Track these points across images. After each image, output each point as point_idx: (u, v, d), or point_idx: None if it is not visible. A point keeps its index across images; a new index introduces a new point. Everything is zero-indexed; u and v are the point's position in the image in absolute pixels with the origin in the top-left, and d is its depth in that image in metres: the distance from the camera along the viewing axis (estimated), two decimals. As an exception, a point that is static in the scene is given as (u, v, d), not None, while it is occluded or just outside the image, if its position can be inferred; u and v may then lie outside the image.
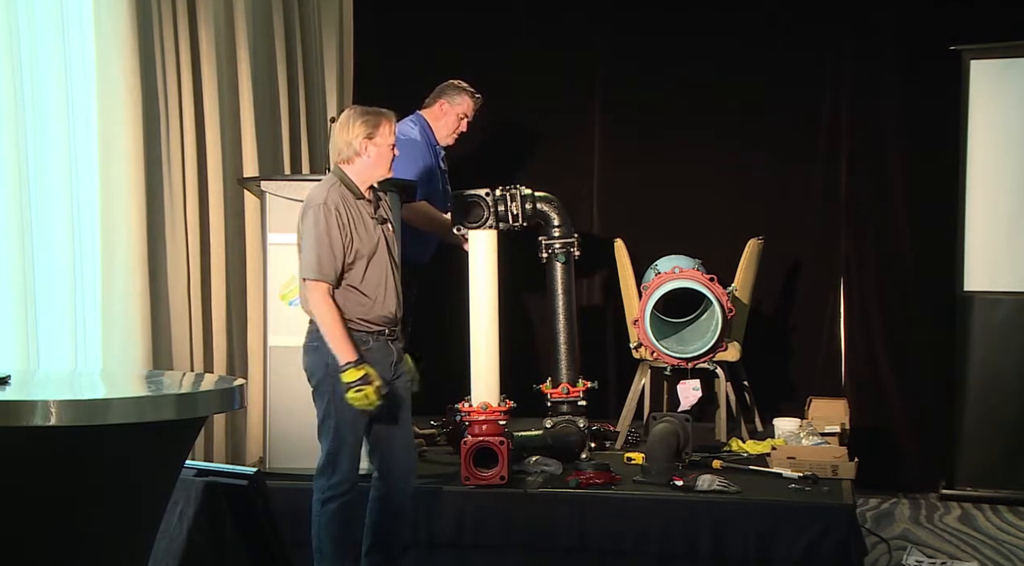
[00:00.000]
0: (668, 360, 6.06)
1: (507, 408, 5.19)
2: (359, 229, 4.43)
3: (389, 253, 4.52)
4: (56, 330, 4.80)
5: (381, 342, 4.49)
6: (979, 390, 6.55)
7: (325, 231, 4.37)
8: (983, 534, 5.91)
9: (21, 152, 4.58)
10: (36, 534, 2.92)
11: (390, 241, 4.55)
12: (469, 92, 6.07)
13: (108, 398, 3.16)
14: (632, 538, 4.97)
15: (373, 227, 4.48)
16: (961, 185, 6.61)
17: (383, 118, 4.50)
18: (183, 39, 5.56)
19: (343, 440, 4.46)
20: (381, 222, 4.52)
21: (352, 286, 4.44)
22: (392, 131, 4.51)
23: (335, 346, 4.38)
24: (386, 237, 4.53)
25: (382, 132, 4.48)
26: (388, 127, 4.50)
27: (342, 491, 4.47)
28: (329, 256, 4.37)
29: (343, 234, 4.39)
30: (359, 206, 4.48)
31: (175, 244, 5.45)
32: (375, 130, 4.48)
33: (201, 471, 4.02)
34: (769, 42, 7.13)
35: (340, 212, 4.39)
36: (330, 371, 4.43)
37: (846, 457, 5.43)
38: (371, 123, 4.47)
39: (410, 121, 6.01)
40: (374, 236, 4.48)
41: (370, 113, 4.51)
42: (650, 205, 7.23)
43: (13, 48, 4.52)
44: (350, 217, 4.42)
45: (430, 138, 6.03)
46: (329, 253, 4.37)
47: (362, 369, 4.34)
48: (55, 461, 2.87)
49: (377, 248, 4.47)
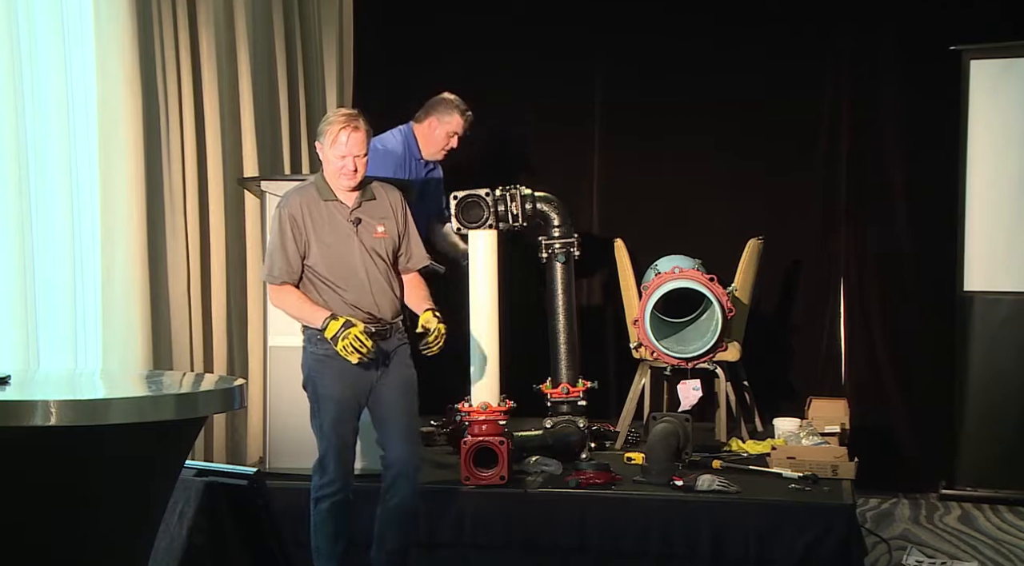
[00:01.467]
0: (668, 360, 6.06)
1: (507, 408, 5.19)
2: (321, 229, 4.45)
3: (366, 251, 4.49)
4: (56, 330, 4.80)
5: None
6: (979, 390, 6.55)
7: (278, 234, 4.46)
8: (983, 534, 5.90)
9: (21, 152, 4.57)
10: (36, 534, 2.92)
11: (366, 240, 4.50)
12: (460, 109, 6.02)
13: (108, 398, 3.15)
14: (632, 538, 4.97)
15: (345, 227, 4.47)
16: (961, 185, 6.61)
17: (334, 126, 4.44)
18: (183, 39, 5.56)
19: (328, 441, 4.47)
20: (355, 223, 4.48)
21: (320, 277, 4.47)
22: (340, 141, 4.42)
23: (305, 318, 4.44)
24: (360, 237, 4.49)
25: (327, 141, 4.45)
26: (333, 137, 4.43)
27: (332, 491, 4.48)
28: (281, 259, 4.44)
29: (297, 235, 4.43)
30: (328, 207, 4.48)
31: (175, 244, 5.45)
32: (322, 137, 4.49)
33: (201, 471, 4.01)
34: (769, 42, 7.12)
35: (296, 214, 4.44)
36: (311, 372, 4.47)
37: (846, 457, 5.43)
38: (323, 129, 4.49)
39: (396, 132, 6.01)
40: (342, 235, 4.47)
41: (330, 119, 4.50)
42: (650, 205, 7.23)
43: (13, 48, 4.52)
44: (312, 218, 4.45)
45: (413, 151, 6.01)
46: (282, 256, 4.44)
47: (339, 318, 4.35)
48: (55, 461, 2.87)
49: (347, 246, 4.47)
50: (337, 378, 4.46)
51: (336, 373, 4.46)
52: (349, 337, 4.31)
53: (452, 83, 7.27)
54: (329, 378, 4.47)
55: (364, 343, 4.32)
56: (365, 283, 4.48)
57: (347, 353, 4.33)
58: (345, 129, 4.43)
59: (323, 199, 4.50)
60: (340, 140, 4.43)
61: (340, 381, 4.46)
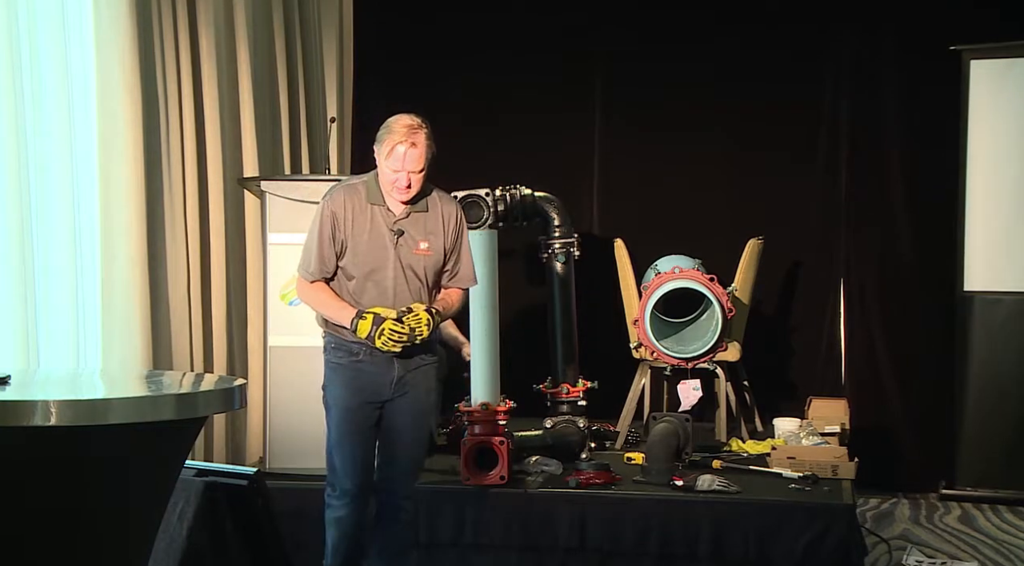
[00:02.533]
0: (668, 360, 6.06)
1: (507, 408, 5.19)
2: (360, 235, 4.24)
3: (400, 266, 4.25)
4: (56, 330, 4.80)
5: (378, 357, 4.25)
6: (979, 390, 6.55)
7: (317, 230, 4.26)
8: (983, 534, 5.90)
9: (21, 152, 4.57)
10: (36, 534, 2.92)
11: (404, 255, 4.26)
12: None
13: (108, 398, 3.15)
14: (632, 538, 4.97)
15: (386, 236, 4.24)
16: (961, 185, 6.61)
17: (393, 137, 4.15)
18: (183, 39, 5.56)
19: (336, 454, 4.33)
20: (397, 234, 4.25)
21: (348, 278, 4.29)
22: (396, 154, 4.14)
23: (331, 316, 4.25)
24: (399, 251, 4.25)
25: (383, 150, 4.18)
26: (390, 148, 4.15)
27: (339, 504, 4.35)
28: (317, 257, 4.25)
29: (336, 233, 4.23)
30: (372, 211, 4.25)
31: (175, 244, 5.44)
32: (379, 144, 4.20)
33: (201, 471, 4.01)
34: (769, 42, 7.13)
35: (339, 212, 4.24)
36: (325, 380, 4.36)
37: (846, 457, 5.43)
38: (381, 136, 4.22)
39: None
40: (379, 245, 4.25)
41: (391, 128, 4.19)
42: (650, 205, 7.23)
43: (13, 48, 4.52)
44: (353, 220, 4.24)
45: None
46: (318, 254, 4.25)
47: (367, 315, 4.17)
48: (55, 461, 2.87)
49: (382, 258, 4.25)
50: (346, 386, 4.31)
51: (346, 381, 4.31)
52: (384, 333, 4.15)
53: (452, 82, 7.31)
54: (340, 387, 4.32)
55: (400, 331, 4.15)
56: (390, 301, 4.25)
57: (389, 346, 4.17)
58: (403, 143, 4.15)
59: (369, 202, 4.25)
60: (396, 153, 4.15)
61: (348, 389, 4.31)
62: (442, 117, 7.17)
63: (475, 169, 6.70)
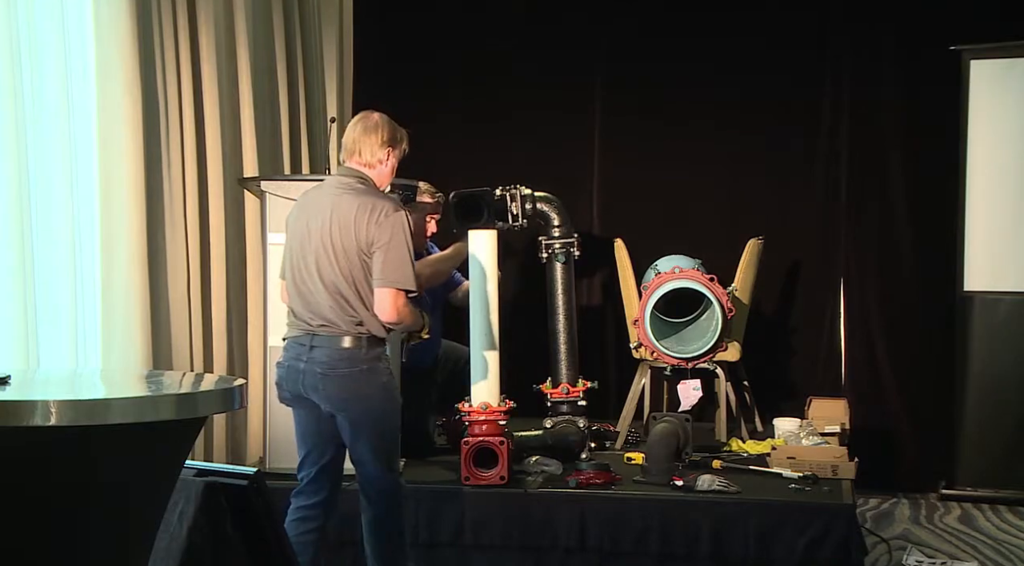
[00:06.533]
0: (668, 360, 6.06)
1: (507, 408, 5.19)
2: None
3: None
4: (56, 330, 4.80)
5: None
6: (979, 390, 6.55)
7: (405, 240, 4.24)
8: (983, 534, 5.90)
9: (21, 152, 4.57)
10: (35, 534, 2.91)
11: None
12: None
13: (108, 398, 3.15)
14: (632, 538, 4.97)
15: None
16: (961, 185, 6.61)
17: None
18: (183, 39, 5.56)
19: (395, 457, 4.45)
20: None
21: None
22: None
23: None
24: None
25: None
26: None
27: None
28: (412, 267, 4.29)
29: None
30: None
31: (175, 244, 5.44)
32: (398, 149, 4.50)
33: (201, 471, 4.01)
34: (770, 42, 7.13)
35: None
36: (389, 392, 4.33)
37: (846, 457, 5.43)
38: (401, 140, 4.51)
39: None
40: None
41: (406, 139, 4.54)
42: (650, 205, 7.23)
43: (13, 48, 4.52)
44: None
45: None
46: (412, 260, 4.29)
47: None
48: (55, 461, 2.87)
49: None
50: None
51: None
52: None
53: (452, 82, 7.31)
54: (398, 400, 4.42)
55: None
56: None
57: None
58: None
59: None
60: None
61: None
62: (442, 117, 7.23)
63: (475, 169, 6.70)
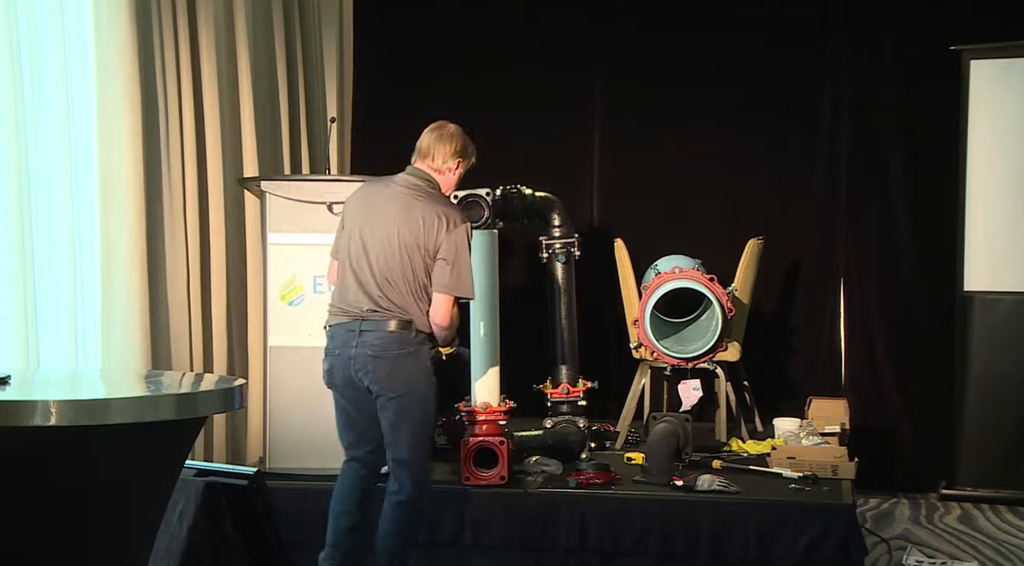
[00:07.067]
0: (668, 360, 6.06)
1: (507, 408, 5.19)
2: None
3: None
4: (56, 330, 4.80)
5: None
6: (979, 390, 6.55)
7: (468, 251, 4.42)
8: (983, 534, 5.90)
9: (21, 152, 4.57)
10: (36, 534, 2.92)
11: None
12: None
13: (108, 398, 3.15)
14: (632, 538, 4.97)
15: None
16: (961, 185, 6.61)
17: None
18: (183, 39, 5.56)
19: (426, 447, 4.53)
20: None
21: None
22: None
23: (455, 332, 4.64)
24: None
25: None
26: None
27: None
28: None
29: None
30: None
31: (175, 244, 5.44)
32: (467, 161, 4.65)
33: (201, 471, 4.02)
34: (770, 42, 7.13)
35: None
36: (427, 380, 4.44)
37: (846, 457, 5.43)
38: (469, 153, 4.64)
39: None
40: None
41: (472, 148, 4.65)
42: (650, 205, 7.23)
43: (13, 48, 4.52)
44: None
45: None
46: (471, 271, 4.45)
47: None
48: (55, 461, 2.87)
49: None
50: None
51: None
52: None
53: (452, 82, 7.30)
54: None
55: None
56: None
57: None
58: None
59: None
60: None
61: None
62: (442, 117, 7.19)
63: (475, 169, 6.69)
